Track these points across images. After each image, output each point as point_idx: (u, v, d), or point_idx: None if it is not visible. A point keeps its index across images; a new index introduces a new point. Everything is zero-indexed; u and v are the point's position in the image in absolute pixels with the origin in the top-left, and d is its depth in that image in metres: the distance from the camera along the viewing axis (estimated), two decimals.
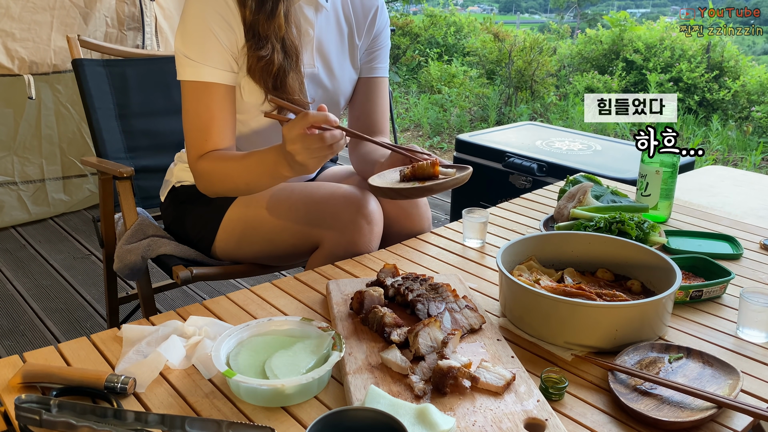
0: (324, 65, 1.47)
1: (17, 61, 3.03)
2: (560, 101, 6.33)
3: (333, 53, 1.49)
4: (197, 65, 1.31)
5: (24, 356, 0.98)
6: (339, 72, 1.51)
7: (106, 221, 1.75)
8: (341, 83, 1.52)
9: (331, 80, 1.50)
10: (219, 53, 1.32)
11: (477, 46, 7.32)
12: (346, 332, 1.04)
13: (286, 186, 1.48)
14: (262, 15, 1.31)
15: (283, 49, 1.34)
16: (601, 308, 1.00)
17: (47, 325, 2.34)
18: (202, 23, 1.31)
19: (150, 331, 1.03)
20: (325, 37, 1.46)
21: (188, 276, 1.47)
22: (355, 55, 1.54)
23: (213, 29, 1.31)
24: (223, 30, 1.31)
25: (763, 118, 5.31)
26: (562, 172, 2.38)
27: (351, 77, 1.55)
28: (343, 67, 1.52)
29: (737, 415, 0.88)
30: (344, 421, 0.72)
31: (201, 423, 0.80)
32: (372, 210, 1.38)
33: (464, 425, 0.82)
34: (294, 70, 1.36)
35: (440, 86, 6.74)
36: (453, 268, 1.34)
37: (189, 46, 1.32)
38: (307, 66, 1.43)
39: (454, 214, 3.04)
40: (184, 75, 1.34)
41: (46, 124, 3.21)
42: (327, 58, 1.48)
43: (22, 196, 3.22)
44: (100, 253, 2.43)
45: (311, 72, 1.44)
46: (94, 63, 1.86)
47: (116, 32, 3.27)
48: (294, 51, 1.36)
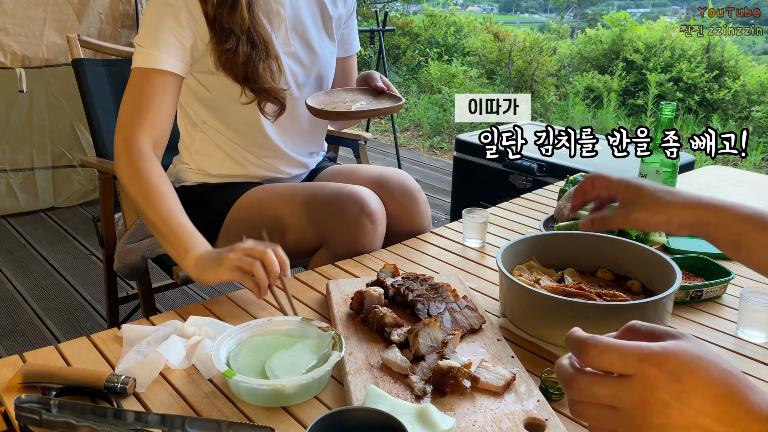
0: (302, 43, 1.49)
1: (9, 55, 3.06)
2: (560, 101, 6.33)
3: (310, 29, 1.50)
4: (146, 51, 1.29)
5: (24, 356, 0.98)
6: (318, 47, 1.52)
7: (106, 221, 1.75)
8: (322, 58, 1.54)
9: (311, 57, 1.51)
10: (171, 43, 1.29)
11: (477, 46, 7.33)
12: (346, 332, 1.04)
13: (288, 186, 1.48)
14: (225, 8, 1.31)
15: (249, 40, 1.34)
16: (601, 308, 1.00)
17: (47, 325, 2.34)
18: (158, 15, 1.30)
19: (150, 331, 1.03)
20: (299, 14, 1.47)
21: (188, 276, 1.47)
22: (330, 27, 1.55)
23: (168, 20, 1.30)
24: (179, 23, 1.30)
25: (763, 118, 5.31)
26: (562, 172, 2.38)
27: (330, 50, 1.57)
28: (322, 42, 1.53)
29: None
30: (344, 421, 0.72)
31: (201, 423, 0.80)
32: (375, 209, 1.38)
33: (464, 425, 0.82)
34: (265, 59, 1.36)
35: (440, 86, 6.75)
36: (453, 268, 1.34)
37: (142, 35, 1.31)
38: (284, 46, 1.44)
39: (454, 214, 3.04)
40: (134, 62, 1.31)
41: (38, 115, 3.28)
42: (304, 35, 1.49)
43: (11, 183, 3.29)
44: (100, 253, 2.43)
45: (288, 51, 1.46)
46: (94, 63, 1.86)
47: (110, 29, 3.28)
48: (261, 40, 1.36)
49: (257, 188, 1.49)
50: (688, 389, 0.49)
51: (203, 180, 1.55)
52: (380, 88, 1.57)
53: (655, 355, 0.49)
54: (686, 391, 0.49)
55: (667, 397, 0.49)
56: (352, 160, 2.03)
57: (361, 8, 7.64)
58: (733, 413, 0.48)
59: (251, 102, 1.40)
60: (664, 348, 0.50)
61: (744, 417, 0.48)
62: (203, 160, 1.53)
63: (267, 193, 1.46)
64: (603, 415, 0.51)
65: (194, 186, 1.55)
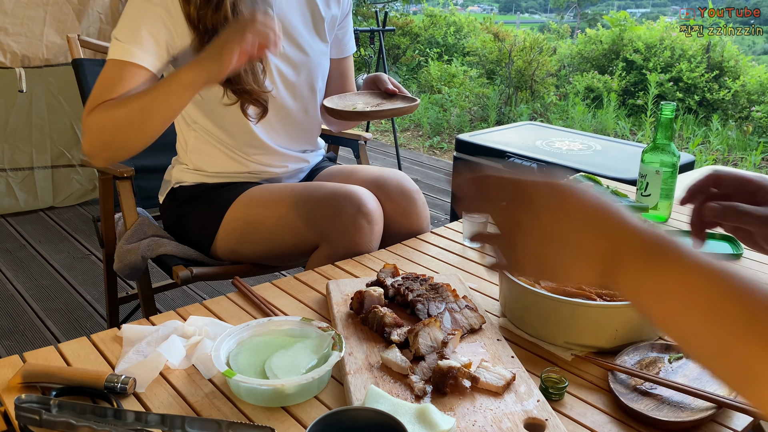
0: (291, 44, 1.49)
1: (9, 55, 3.06)
2: (560, 101, 6.33)
3: (299, 30, 1.50)
4: (122, 45, 1.29)
5: (24, 356, 0.98)
6: (309, 48, 1.52)
7: (106, 221, 1.75)
8: (313, 59, 1.54)
9: (301, 57, 1.51)
10: (148, 40, 1.30)
11: (477, 46, 7.33)
12: (346, 332, 1.04)
13: (286, 185, 1.48)
14: (209, 9, 1.31)
15: None
16: (601, 308, 1.00)
17: (47, 325, 2.34)
18: (137, 12, 1.31)
19: (150, 331, 1.03)
20: (287, 15, 1.47)
21: (188, 276, 1.47)
22: (322, 28, 1.55)
23: (146, 17, 1.30)
24: (158, 20, 1.31)
25: (763, 118, 5.31)
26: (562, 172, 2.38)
27: (322, 51, 1.57)
28: (312, 42, 1.53)
29: (737, 414, 0.88)
30: (344, 421, 0.72)
31: (201, 423, 0.80)
32: (372, 209, 1.38)
33: (464, 425, 0.82)
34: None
35: (440, 86, 6.75)
36: (453, 268, 1.34)
37: (119, 29, 1.31)
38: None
39: (454, 214, 3.04)
40: (110, 54, 1.31)
41: (37, 114, 3.28)
42: (293, 36, 1.49)
43: (10, 182, 3.29)
44: (100, 253, 2.43)
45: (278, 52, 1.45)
46: (93, 63, 1.86)
47: (110, 29, 3.29)
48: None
49: (255, 188, 1.49)
50: (564, 204, 0.58)
51: (201, 180, 1.55)
52: (392, 91, 1.62)
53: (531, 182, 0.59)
54: (561, 205, 0.58)
55: (544, 203, 0.58)
56: (352, 160, 2.03)
57: (361, 8, 7.64)
58: (603, 226, 0.55)
59: (234, 103, 1.41)
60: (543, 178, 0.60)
61: (616, 230, 0.55)
62: (199, 158, 1.53)
63: (265, 192, 1.46)
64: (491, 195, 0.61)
65: (192, 186, 1.55)
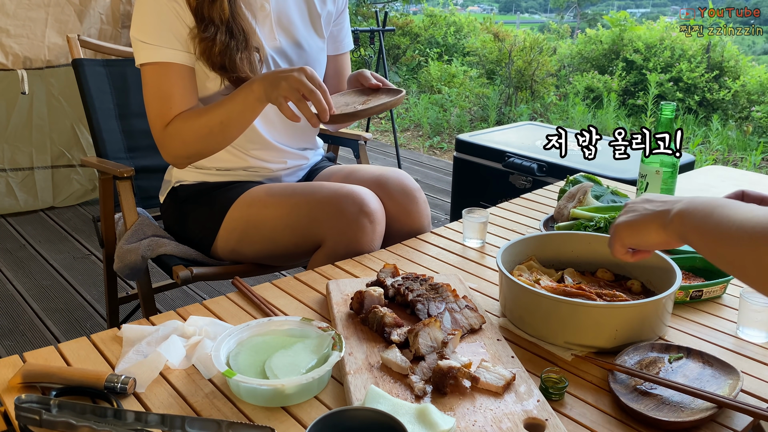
0: (288, 39, 1.50)
1: (11, 57, 3.06)
2: (560, 101, 6.33)
3: (297, 26, 1.51)
4: (153, 47, 1.34)
5: (24, 356, 0.98)
6: (306, 44, 1.53)
7: (106, 221, 1.75)
8: (310, 54, 1.55)
9: (299, 52, 1.52)
10: (173, 35, 1.34)
11: (477, 46, 7.32)
12: (346, 332, 1.04)
13: (288, 185, 1.48)
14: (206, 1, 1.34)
15: (228, 30, 1.36)
16: (601, 308, 1.00)
17: (47, 325, 2.34)
18: (153, 9, 1.34)
19: (150, 331, 1.03)
20: (285, 10, 1.48)
21: (188, 276, 1.47)
22: (318, 24, 1.56)
23: (164, 14, 1.33)
24: (173, 14, 1.34)
25: (763, 118, 5.31)
26: (562, 172, 2.38)
27: (319, 47, 1.58)
28: (309, 38, 1.54)
29: (737, 415, 0.88)
30: (344, 421, 0.72)
31: (201, 423, 0.80)
32: (374, 209, 1.38)
33: (464, 425, 0.83)
34: (243, 50, 1.38)
35: (440, 86, 6.75)
36: (453, 268, 1.34)
37: (143, 31, 1.35)
38: (269, 41, 1.46)
39: (454, 214, 3.04)
40: (142, 58, 1.36)
41: (38, 114, 3.28)
42: (290, 32, 1.50)
43: (10, 182, 3.29)
44: (100, 253, 2.44)
45: (274, 46, 1.47)
46: (94, 63, 1.86)
47: (111, 29, 3.29)
48: (241, 31, 1.37)
49: (256, 187, 1.49)
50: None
51: (202, 179, 1.55)
52: (375, 86, 1.56)
53: None
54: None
55: None
56: (352, 160, 2.03)
57: (361, 8, 7.64)
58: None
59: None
60: None
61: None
62: None
63: (266, 192, 1.46)
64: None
65: (194, 184, 1.55)
